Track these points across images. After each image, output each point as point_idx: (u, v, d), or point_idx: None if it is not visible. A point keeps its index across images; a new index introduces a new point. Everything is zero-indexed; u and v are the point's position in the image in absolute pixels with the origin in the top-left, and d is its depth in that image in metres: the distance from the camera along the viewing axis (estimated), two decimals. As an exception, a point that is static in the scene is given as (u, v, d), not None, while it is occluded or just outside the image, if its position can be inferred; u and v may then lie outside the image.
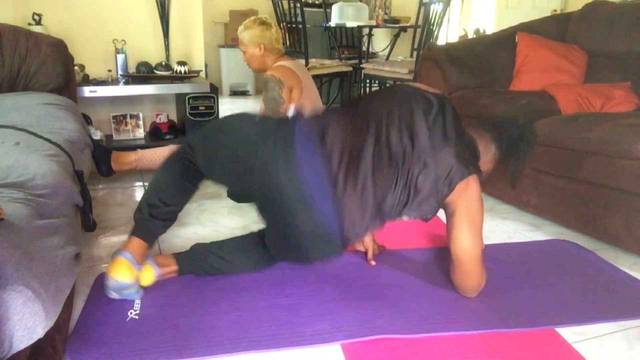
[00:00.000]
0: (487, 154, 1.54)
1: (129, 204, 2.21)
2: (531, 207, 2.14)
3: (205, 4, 3.14)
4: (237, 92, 5.36)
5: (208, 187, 1.90)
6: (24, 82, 2.19)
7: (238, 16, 4.65)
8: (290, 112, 1.66)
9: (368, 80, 4.15)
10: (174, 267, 1.53)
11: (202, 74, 3.09)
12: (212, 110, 2.85)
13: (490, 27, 5.21)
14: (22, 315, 0.80)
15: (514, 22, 2.84)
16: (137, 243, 1.41)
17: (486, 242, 1.93)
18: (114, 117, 2.90)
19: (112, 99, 2.90)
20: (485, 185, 2.40)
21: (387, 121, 1.36)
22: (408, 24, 4.36)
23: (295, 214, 1.30)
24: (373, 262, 1.69)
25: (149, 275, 1.45)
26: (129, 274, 1.37)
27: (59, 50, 2.28)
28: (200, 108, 2.83)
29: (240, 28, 2.28)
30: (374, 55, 5.04)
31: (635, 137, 1.70)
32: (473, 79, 2.56)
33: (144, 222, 1.44)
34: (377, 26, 4.37)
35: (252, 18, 2.30)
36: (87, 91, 2.58)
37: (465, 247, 1.40)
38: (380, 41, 5.51)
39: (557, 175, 1.98)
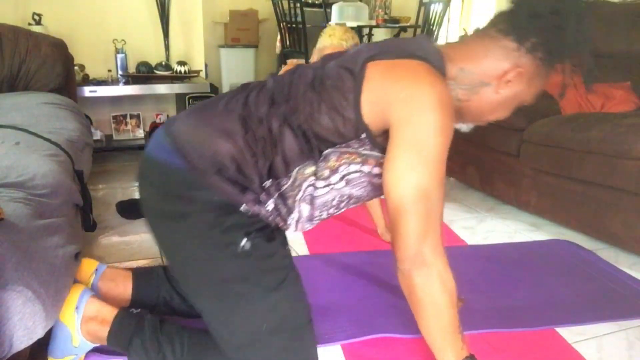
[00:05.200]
0: (497, 65, 0.97)
1: (129, 204, 2.21)
2: (531, 207, 2.14)
3: (205, 4, 3.14)
4: (237, 92, 5.36)
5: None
6: (24, 82, 2.19)
7: (238, 16, 4.63)
8: None
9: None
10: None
11: (202, 74, 3.09)
12: (212, 110, 2.85)
13: (490, 27, 5.20)
14: (22, 315, 0.80)
15: (514, 22, 2.83)
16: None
17: (486, 242, 1.93)
18: (114, 117, 2.90)
19: (112, 99, 2.90)
20: (485, 183, 2.42)
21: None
22: (408, 24, 4.35)
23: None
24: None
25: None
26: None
27: (59, 50, 2.28)
28: (200, 108, 2.83)
29: (348, 40, 2.15)
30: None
31: (635, 137, 1.70)
32: (473, 79, 2.56)
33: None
34: (377, 26, 4.37)
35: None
36: (87, 91, 2.58)
37: (402, 190, 0.89)
38: (380, 41, 5.50)
39: (557, 175, 1.98)
